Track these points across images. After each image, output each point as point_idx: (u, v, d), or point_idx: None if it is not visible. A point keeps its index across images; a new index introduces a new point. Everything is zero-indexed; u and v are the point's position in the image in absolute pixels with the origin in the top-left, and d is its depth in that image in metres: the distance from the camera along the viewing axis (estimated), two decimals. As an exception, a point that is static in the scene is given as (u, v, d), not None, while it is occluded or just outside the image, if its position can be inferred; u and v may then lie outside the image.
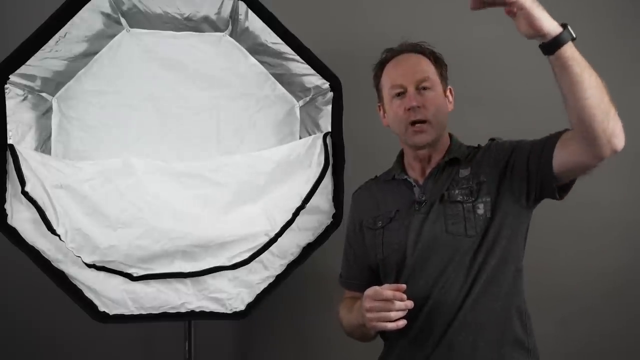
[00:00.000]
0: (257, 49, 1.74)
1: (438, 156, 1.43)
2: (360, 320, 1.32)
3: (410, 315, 1.25)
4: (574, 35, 1.09)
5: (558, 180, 1.25)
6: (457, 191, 1.36)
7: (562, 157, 1.23)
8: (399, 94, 1.41)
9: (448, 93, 1.46)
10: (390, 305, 1.23)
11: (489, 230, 1.32)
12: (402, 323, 1.23)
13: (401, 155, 1.51)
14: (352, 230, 1.55)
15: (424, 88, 1.39)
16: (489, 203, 1.33)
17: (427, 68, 1.42)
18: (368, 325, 1.28)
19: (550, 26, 1.09)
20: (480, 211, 1.33)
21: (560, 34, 1.09)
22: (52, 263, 1.59)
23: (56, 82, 1.68)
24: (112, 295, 1.63)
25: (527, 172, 1.30)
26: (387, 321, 1.23)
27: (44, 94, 1.67)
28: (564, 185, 1.27)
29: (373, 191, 1.53)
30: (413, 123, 1.38)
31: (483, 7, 1.13)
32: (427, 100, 1.38)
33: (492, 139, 1.44)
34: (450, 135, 1.47)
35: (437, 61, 1.44)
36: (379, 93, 1.49)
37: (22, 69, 1.57)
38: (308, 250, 1.71)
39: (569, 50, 1.09)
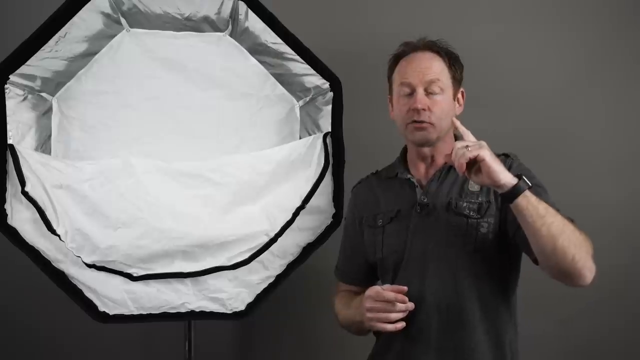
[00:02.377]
0: (257, 49, 1.74)
1: (441, 157, 1.42)
2: (359, 317, 1.34)
3: (407, 316, 1.27)
4: (529, 184, 1.18)
5: None
6: (465, 204, 1.35)
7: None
8: (407, 94, 1.39)
9: (459, 96, 1.45)
10: (390, 307, 1.24)
11: (488, 250, 1.33)
12: (401, 325, 1.25)
13: (404, 151, 1.51)
14: (351, 225, 1.55)
15: (433, 92, 1.37)
16: (491, 225, 1.33)
17: (440, 70, 1.39)
18: (367, 324, 1.30)
19: (507, 178, 1.17)
20: (484, 230, 1.32)
21: (515, 186, 1.16)
22: (52, 263, 1.59)
23: (56, 82, 1.68)
24: (112, 295, 1.63)
25: (514, 238, 1.30)
26: (386, 322, 1.25)
27: (44, 94, 1.67)
28: None
29: (373, 186, 1.53)
30: (414, 121, 1.37)
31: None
32: (433, 103, 1.37)
33: (506, 155, 1.41)
34: (456, 137, 1.46)
35: (453, 63, 1.42)
36: (390, 85, 1.48)
37: (22, 69, 1.57)
38: (308, 250, 1.71)
39: (524, 201, 1.16)
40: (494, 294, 1.33)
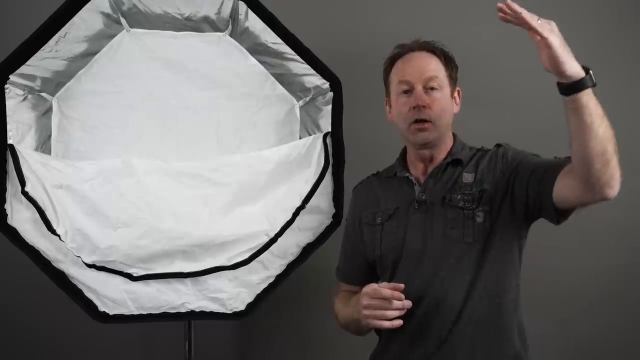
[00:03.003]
0: (257, 49, 1.74)
1: (440, 156, 1.43)
2: (356, 315, 1.33)
3: (406, 313, 1.26)
4: (595, 82, 1.08)
5: (557, 208, 1.25)
6: (459, 196, 1.35)
7: (560, 189, 1.22)
8: (405, 92, 1.40)
9: (456, 94, 1.46)
10: (387, 304, 1.24)
11: (487, 240, 1.32)
12: (398, 323, 1.25)
13: (404, 152, 1.52)
14: (352, 225, 1.56)
15: (432, 88, 1.39)
16: (488, 212, 1.33)
17: (437, 68, 1.41)
18: (364, 322, 1.30)
19: (573, 69, 1.06)
20: (480, 219, 1.33)
21: (581, 80, 1.07)
22: (52, 263, 1.59)
23: (56, 82, 1.68)
24: (112, 295, 1.62)
25: (526, 195, 1.29)
26: (383, 319, 1.25)
27: (44, 94, 1.67)
28: (563, 211, 1.26)
29: (374, 187, 1.53)
30: (416, 121, 1.38)
31: (510, 21, 1.09)
32: (433, 100, 1.38)
33: (498, 145, 1.42)
34: (454, 135, 1.47)
35: (448, 62, 1.43)
36: (387, 87, 1.49)
37: (22, 69, 1.57)
38: (308, 250, 1.71)
39: (585, 98, 1.07)
40: (495, 287, 1.32)
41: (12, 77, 1.57)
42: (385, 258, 1.42)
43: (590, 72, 1.08)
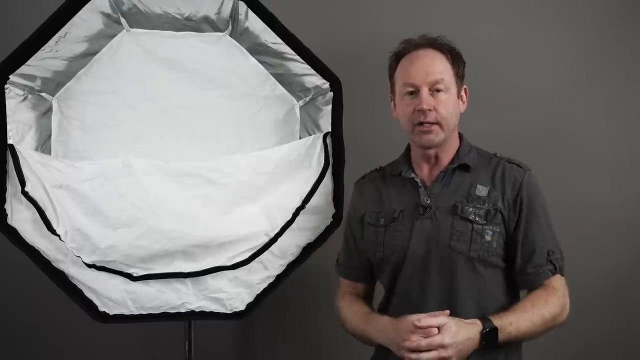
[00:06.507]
0: (257, 49, 1.74)
1: (446, 157, 1.41)
2: (381, 340, 1.33)
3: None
4: (495, 329, 1.23)
5: None
6: (471, 209, 1.33)
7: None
8: (410, 93, 1.38)
9: (463, 93, 1.43)
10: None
11: (492, 259, 1.32)
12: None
13: (408, 149, 1.50)
14: (354, 219, 1.54)
15: (438, 90, 1.36)
16: (497, 233, 1.32)
17: (443, 68, 1.37)
18: (398, 353, 1.26)
19: (475, 345, 1.23)
20: (488, 237, 1.32)
21: (486, 343, 1.23)
22: (52, 263, 1.59)
23: (56, 82, 1.68)
24: (112, 296, 1.63)
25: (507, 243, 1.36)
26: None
27: (44, 94, 1.67)
28: None
29: (378, 184, 1.51)
30: (421, 123, 1.36)
31: None
32: (438, 102, 1.35)
33: (518, 165, 1.39)
34: (461, 136, 1.45)
35: (455, 59, 1.40)
36: (392, 84, 1.46)
37: (22, 69, 1.57)
38: (308, 250, 1.71)
39: (501, 340, 1.24)
40: (494, 300, 1.33)
41: (12, 77, 1.57)
42: (386, 261, 1.41)
43: (486, 330, 1.22)
